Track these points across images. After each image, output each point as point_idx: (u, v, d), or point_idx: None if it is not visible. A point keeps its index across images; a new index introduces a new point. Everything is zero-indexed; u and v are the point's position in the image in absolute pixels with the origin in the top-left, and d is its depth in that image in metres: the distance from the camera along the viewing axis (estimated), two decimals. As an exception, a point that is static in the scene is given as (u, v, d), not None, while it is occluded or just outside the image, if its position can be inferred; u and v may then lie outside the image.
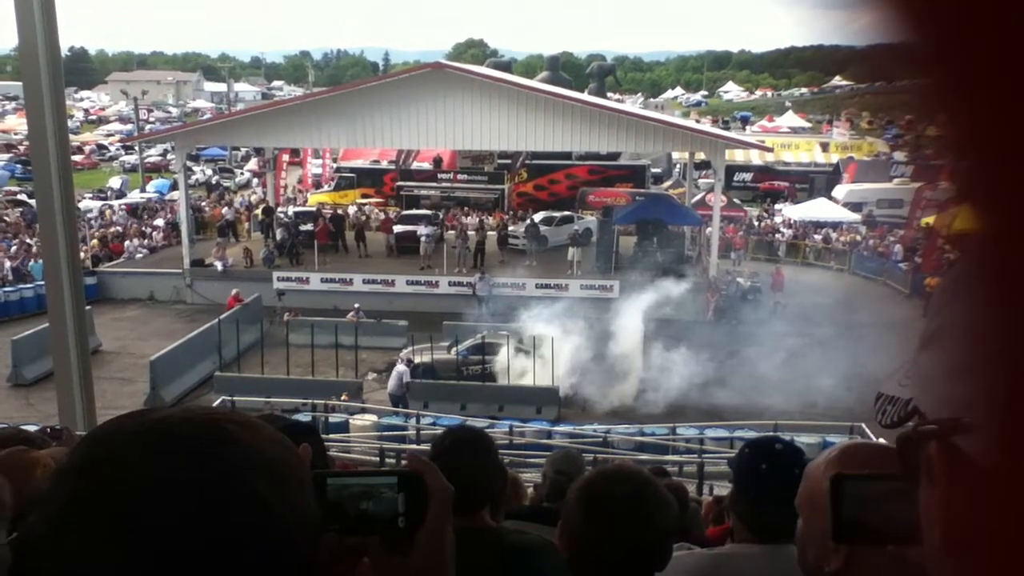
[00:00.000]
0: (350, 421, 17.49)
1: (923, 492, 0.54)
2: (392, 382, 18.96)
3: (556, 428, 17.24)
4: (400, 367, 19.04)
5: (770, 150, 44.76)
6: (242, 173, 55.26)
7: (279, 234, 29.79)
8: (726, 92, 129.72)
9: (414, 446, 15.49)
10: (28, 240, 30.21)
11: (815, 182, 48.72)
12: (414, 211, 33.69)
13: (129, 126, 70.70)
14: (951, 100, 0.39)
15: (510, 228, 31.89)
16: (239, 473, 0.67)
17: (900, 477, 0.58)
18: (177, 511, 0.63)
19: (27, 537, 0.64)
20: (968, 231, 0.41)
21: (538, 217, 32.36)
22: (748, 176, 50.51)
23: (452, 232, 31.08)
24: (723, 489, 9.82)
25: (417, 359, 19.88)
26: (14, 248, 30.14)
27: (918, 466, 0.54)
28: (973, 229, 0.40)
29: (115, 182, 50.41)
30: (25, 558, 0.63)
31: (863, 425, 14.59)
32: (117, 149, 64.50)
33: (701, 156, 32.71)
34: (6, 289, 26.19)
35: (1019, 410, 0.39)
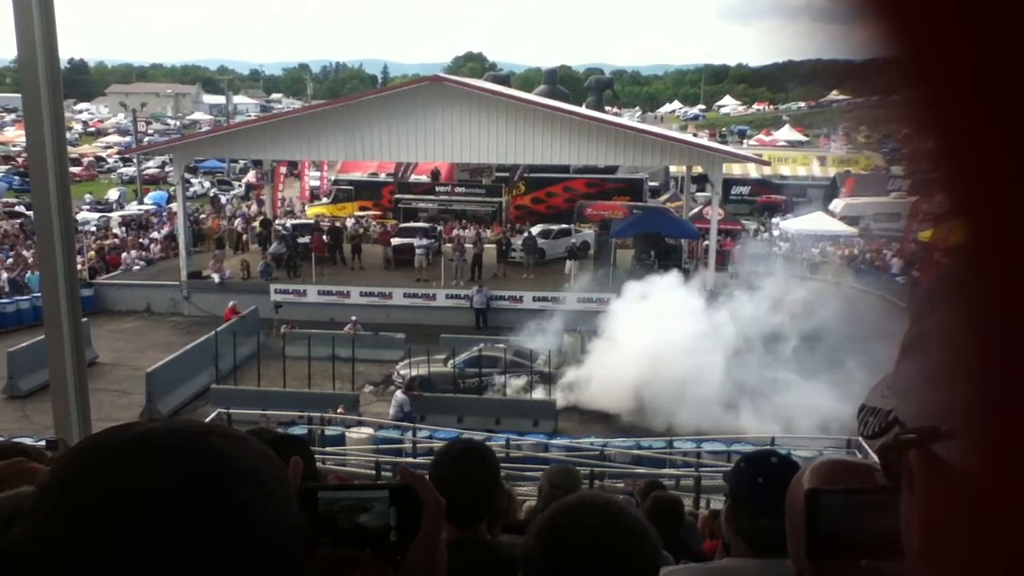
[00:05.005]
0: (346, 434, 17.44)
1: (903, 500, 0.54)
2: (392, 410, 18.46)
3: (553, 441, 17.21)
4: (399, 395, 18.58)
5: (767, 164, 44.95)
6: (240, 185, 55.23)
7: (275, 246, 29.78)
8: (723, 106, 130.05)
9: (410, 459, 15.45)
10: (25, 252, 30.17)
11: (809, 195, 48.82)
12: (412, 224, 33.74)
13: (128, 138, 70.78)
14: (947, 113, 0.39)
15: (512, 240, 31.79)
16: (225, 484, 0.67)
17: (875, 491, 0.57)
18: (164, 521, 0.63)
19: (13, 546, 0.64)
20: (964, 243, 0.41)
21: (536, 230, 32.37)
22: (745, 190, 50.68)
23: (450, 245, 31.10)
24: (720, 503, 9.78)
25: (413, 372, 19.81)
26: (11, 260, 30.11)
27: (900, 475, 0.54)
28: (961, 239, 0.40)
29: (113, 194, 50.46)
30: (10, 567, 0.63)
31: (861, 439, 14.53)
32: (115, 161, 64.58)
33: (698, 170, 32.79)
34: (3, 300, 26.13)
35: (999, 417, 0.39)
